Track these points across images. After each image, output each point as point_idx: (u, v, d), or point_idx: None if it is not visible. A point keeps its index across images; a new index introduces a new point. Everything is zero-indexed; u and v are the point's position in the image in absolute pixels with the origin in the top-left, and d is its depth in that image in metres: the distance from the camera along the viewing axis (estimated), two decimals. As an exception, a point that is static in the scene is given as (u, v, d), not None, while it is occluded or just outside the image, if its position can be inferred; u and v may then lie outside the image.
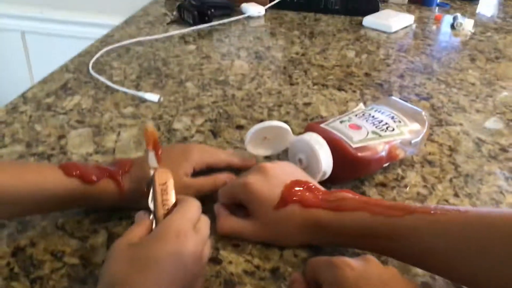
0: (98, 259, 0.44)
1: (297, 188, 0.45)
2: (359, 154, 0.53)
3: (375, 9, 1.17)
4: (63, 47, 1.48)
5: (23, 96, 0.74)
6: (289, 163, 0.51)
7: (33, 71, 1.61)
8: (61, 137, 0.63)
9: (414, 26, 1.15)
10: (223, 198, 0.48)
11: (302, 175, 0.48)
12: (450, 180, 0.57)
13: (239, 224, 0.46)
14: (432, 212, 0.39)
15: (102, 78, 0.79)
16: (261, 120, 0.69)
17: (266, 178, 0.45)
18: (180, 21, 1.09)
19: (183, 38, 1.01)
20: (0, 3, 1.53)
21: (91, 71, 0.82)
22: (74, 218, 0.48)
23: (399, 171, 0.58)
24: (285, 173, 0.47)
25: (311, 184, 0.47)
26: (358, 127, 0.56)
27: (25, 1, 1.50)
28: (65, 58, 0.88)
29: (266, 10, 1.16)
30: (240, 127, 0.67)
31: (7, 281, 0.41)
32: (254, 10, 1.14)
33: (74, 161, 0.55)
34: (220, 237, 0.47)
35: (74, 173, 0.45)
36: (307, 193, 0.45)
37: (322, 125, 0.56)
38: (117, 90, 0.76)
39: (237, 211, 0.48)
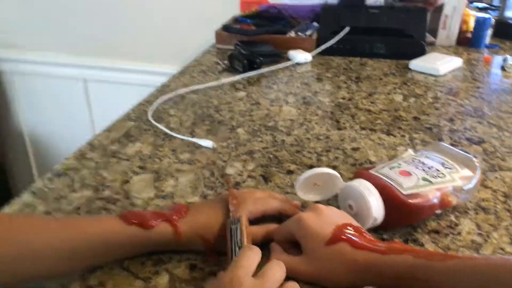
0: (161, 300, 0.47)
1: (348, 229, 0.47)
2: (411, 201, 0.53)
3: (422, 52, 1.18)
4: (122, 94, 1.59)
5: (90, 143, 0.80)
6: (340, 210, 0.53)
7: (93, 117, 1.73)
8: (124, 182, 0.68)
9: (462, 68, 1.15)
10: (278, 236, 0.51)
11: (352, 220, 0.50)
12: (506, 228, 0.56)
13: (290, 261, 0.48)
14: (473, 257, 0.39)
15: (160, 126, 0.84)
16: (311, 165, 0.71)
17: (320, 216, 0.48)
18: (231, 69, 1.16)
19: (233, 85, 1.06)
20: (64, 53, 1.67)
21: (150, 119, 0.88)
22: (138, 260, 0.52)
23: (453, 217, 0.58)
24: (337, 215, 0.50)
25: (361, 229, 0.48)
26: (408, 174, 0.57)
27: (86, 51, 1.64)
28: (123, 103, 0.96)
29: (312, 56, 1.21)
30: (290, 172, 0.70)
31: (79, 319, 0.44)
32: (301, 56, 1.18)
33: (134, 210, 0.59)
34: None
35: (133, 221, 0.48)
36: (357, 235, 0.47)
37: (371, 171, 0.57)
38: (174, 137, 0.81)
39: (290, 251, 0.50)
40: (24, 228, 0.46)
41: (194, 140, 0.79)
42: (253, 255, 0.42)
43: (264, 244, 0.52)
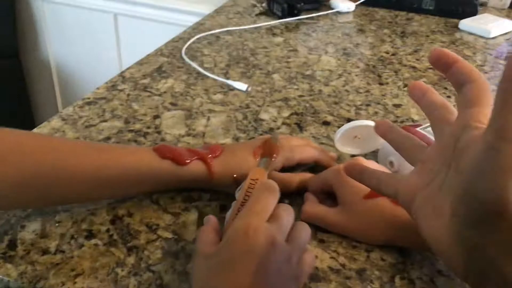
0: (189, 236, 0.46)
1: None
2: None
3: (473, 13, 1.10)
4: (152, 31, 1.55)
5: (122, 75, 0.78)
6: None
7: (121, 52, 1.70)
8: (155, 117, 0.66)
9: (515, 32, 1.07)
10: (314, 184, 0.49)
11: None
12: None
13: (325, 211, 0.47)
14: None
15: (194, 64, 0.81)
16: (348, 118, 0.68)
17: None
18: (269, 13, 1.10)
19: (271, 30, 1.01)
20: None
21: (184, 56, 0.85)
22: (168, 195, 0.51)
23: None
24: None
25: None
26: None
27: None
28: (152, 42, 0.93)
29: (356, 6, 1.14)
30: (326, 123, 0.67)
31: (107, 247, 0.44)
32: (344, 5, 1.12)
33: (166, 144, 0.58)
34: (305, 231, 0.47)
35: (167, 155, 0.47)
36: None
37: (418, 129, 0.54)
38: (208, 77, 0.78)
39: (325, 201, 0.48)
40: (62, 151, 0.44)
41: (229, 82, 0.76)
42: (269, 197, 0.39)
43: (298, 194, 0.51)
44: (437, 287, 0.41)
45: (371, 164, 0.47)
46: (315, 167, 0.54)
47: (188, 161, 0.47)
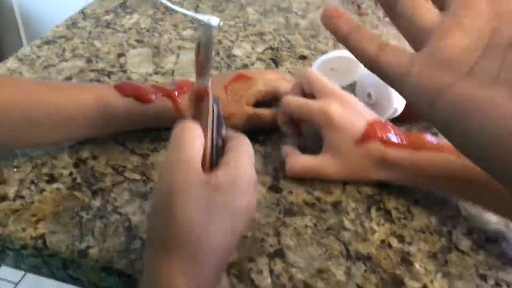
0: (158, 177, 0.43)
1: (379, 126, 0.42)
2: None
3: None
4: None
5: (83, 12, 0.72)
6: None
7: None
8: (120, 55, 0.62)
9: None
10: (289, 109, 0.44)
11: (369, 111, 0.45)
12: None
13: (312, 161, 0.43)
14: None
15: (161, -2, 0.76)
16: (326, 52, 0.64)
17: (347, 109, 0.42)
18: None
19: (244, -39, 0.95)
20: None
21: (150, -10, 0.78)
22: (135, 136, 0.48)
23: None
24: (362, 106, 0.44)
25: (388, 124, 0.43)
26: (437, 63, 0.51)
27: None
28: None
29: None
30: (302, 57, 0.64)
31: (70, 190, 0.41)
32: None
33: (129, 81, 0.54)
34: (280, 167, 0.45)
35: (130, 93, 0.43)
36: (388, 132, 0.42)
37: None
38: (176, 11, 0.73)
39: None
40: (13, 89, 0.40)
41: (199, 16, 0.71)
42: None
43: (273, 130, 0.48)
44: (413, 216, 0.41)
45: (356, 101, 0.44)
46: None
47: (153, 98, 0.44)
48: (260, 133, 0.49)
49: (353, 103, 0.43)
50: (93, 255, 0.36)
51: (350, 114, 0.42)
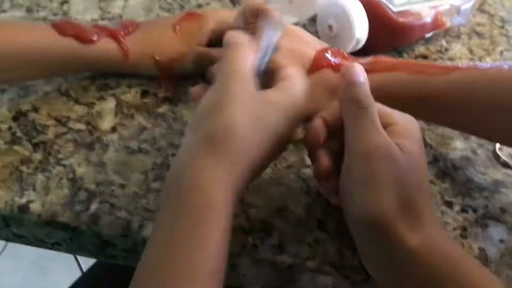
0: (106, 125, 0.40)
1: (328, 53, 0.39)
2: (400, 19, 0.46)
3: None
4: None
5: (21, -41, 0.66)
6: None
7: None
8: (63, 2, 0.57)
9: None
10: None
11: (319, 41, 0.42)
12: (501, 53, 0.50)
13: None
14: (480, 67, 0.33)
15: None
16: (286, -13, 0.60)
17: (295, 41, 0.39)
18: None
19: None
20: None
21: None
22: (80, 84, 0.44)
23: (443, 42, 0.51)
24: (313, 38, 0.42)
25: (342, 51, 0.41)
26: (400, -12, 0.48)
27: None
28: None
29: None
30: (262, -5, 0.60)
31: (9, 145, 0.38)
32: None
33: (69, 20, 0.49)
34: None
35: (69, 32, 0.39)
36: (339, 58, 0.39)
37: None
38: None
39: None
40: None
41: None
42: None
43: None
44: (376, 148, 0.39)
45: (305, 32, 0.41)
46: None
47: (95, 38, 0.40)
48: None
49: (299, 34, 0.40)
50: (35, 210, 0.34)
51: (298, 44, 0.39)
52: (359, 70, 0.31)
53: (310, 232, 0.33)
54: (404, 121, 0.30)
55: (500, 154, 0.38)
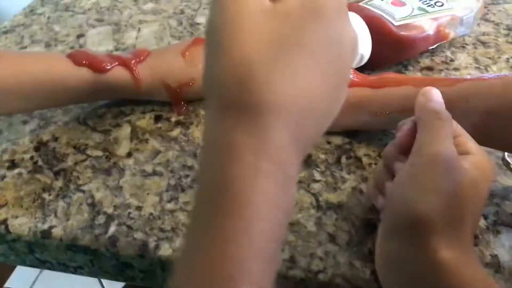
0: (122, 151, 0.42)
1: None
2: (402, 32, 0.46)
3: None
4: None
5: (40, -2, 0.70)
6: None
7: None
8: (80, 36, 0.60)
9: None
10: None
11: None
12: (507, 61, 0.50)
13: None
14: (486, 78, 0.34)
15: (119, -25, 0.73)
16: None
17: None
18: None
19: None
20: None
21: (108, -32, 0.76)
22: (96, 112, 0.46)
23: (448, 53, 0.52)
24: None
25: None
26: (401, 4, 0.49)
27: None
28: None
29: None
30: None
31: (31, 174, 0.40)
32: None
33: (83, 49, 0.52)
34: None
35: (83, 62, 0.42)
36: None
37: (360, 4, 0.49)
38: (137, -13, 0.70)
39: None
40: None
41: (159, -12, 0.69)
42: None
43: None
44: (383, 160, 0.39)
45: None
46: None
47: (109, 67, 0.42)
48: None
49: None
50: (57, 234, 0.35)
51: None
52: (437, 91, 0.32)
53: (321, 245, 0.33)
54: (481, 156, 0.30)
55: (509, 161, 0.38)
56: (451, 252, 0.26)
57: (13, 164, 0.41)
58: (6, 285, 1.31)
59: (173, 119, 0.45)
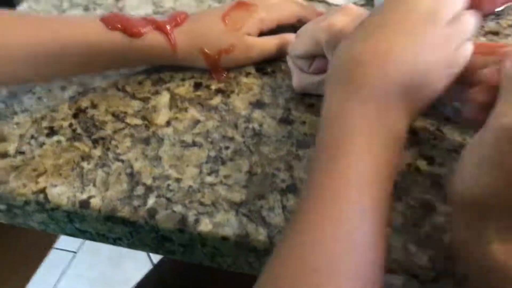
0: (161, 120, 0.40)
1: None
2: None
3: None
4: None
5: (79, -40, 0.68)
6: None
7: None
8: (118, -1, 0.58)
9: None
10: (298, 48, 0.39)
11: None
12: None
13: (318, 82, 0.39)
14: None
15: None
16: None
17: (354, 20, 0.36)
18: None
19: None
20: None
21: None
22: (135, 80, 0.45)
23: (517, 16, 0.46)
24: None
25: None
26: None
27: None
28: None
29: None
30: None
31: (70, 142, 0.39)
32: None
33: (117, 13, 0.50)
34: (291, 98, 0.41)
35: (117, 26, 0.40)
36: None
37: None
38: None
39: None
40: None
41: None
42: None
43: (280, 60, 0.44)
44: (444, 135, 0.36)
45: (365, 12, 0.38)
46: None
47: (143, 31, 0.40)
48: (268, 64, 0.44)
49: (362, 13, 0.37)
50: (95, 205, 0.34)
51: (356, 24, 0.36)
52: None
53: (372, 227, 0.31)
54: None
55: None
56: (505, 246, 0.22)
57: (52, 131, 0.41)
58: (56, 245, 1.37)
59: (213, 87, 0.43)
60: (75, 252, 1.35)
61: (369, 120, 0.27)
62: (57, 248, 1.36)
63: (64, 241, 1.37)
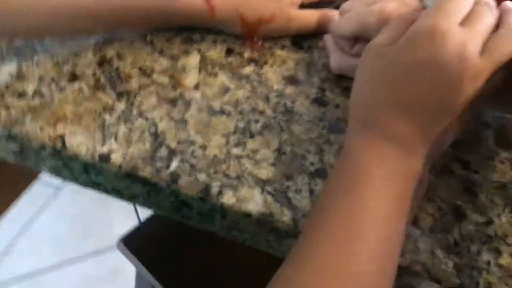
0: (190, 81, 0.39)
1: None
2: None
3: None
4: None
5: None
6: None
7: None
8: None
9: None
10: (344, 27, 0.38)
11: None
12: None
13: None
14: None
15: None
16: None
17: (406, 8, 0.35)
18: None
19: None
20: None
21: None
22: (164, 36, 0.42)
23: None
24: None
25: None
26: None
27: None
28: None
29: None
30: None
31: (93, 91, 0.38)
32: None
33: None
34: (327, 78, 0.39)
35: None
36: None
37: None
38: None
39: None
40: None
41: None
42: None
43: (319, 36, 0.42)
44: (481, 140, 0.35)
45: None
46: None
47: None
48: (305, 38, 0.42)
49: (409, 2, 0.35)
50: (116, 160, 0.33)
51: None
52: None
53: (401, 225, 0.30)
54: None
55: None
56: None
57: (74, 77, 0.39)
58: (40, 177, 1.34)
59: (246, 55, 0.41)
60: (58, 189, 1.34)
61: (388, 161, 0.27)
62: (41, 182, 1.34)
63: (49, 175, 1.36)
